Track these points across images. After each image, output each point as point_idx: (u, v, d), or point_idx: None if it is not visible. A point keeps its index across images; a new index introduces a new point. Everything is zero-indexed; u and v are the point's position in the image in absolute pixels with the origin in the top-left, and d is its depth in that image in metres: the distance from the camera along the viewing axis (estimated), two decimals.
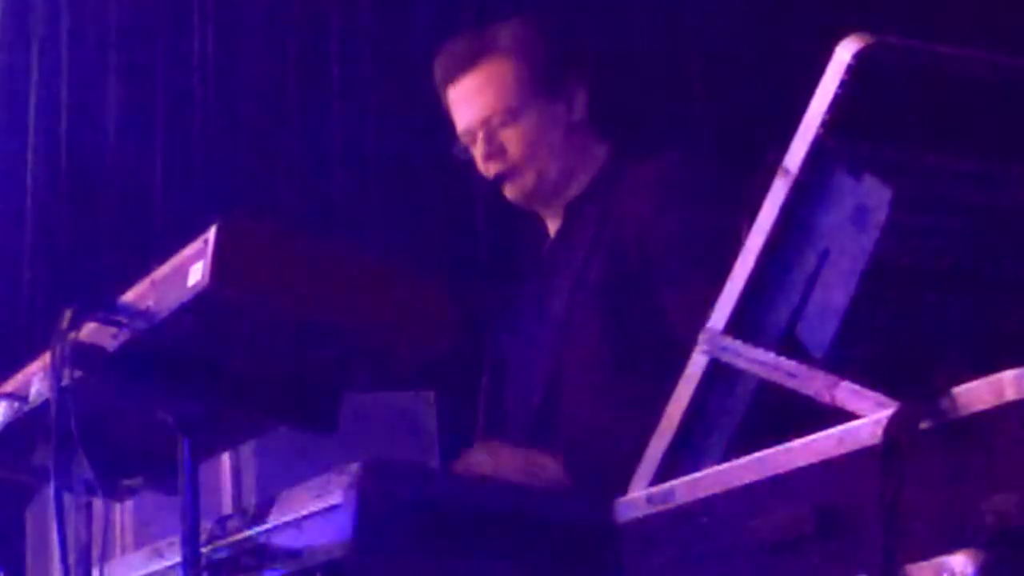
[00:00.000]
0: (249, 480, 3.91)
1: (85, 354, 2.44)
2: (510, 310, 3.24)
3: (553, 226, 3.17)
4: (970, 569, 1.85)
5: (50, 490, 2.53)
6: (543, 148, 3.08)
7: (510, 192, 3.12)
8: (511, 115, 3.09)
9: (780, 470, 2.08)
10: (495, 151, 3.10)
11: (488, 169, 3.12)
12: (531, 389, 3.07)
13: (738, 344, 2.26)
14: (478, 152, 3.12)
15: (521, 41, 3.11)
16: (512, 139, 3.09)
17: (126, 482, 2.89)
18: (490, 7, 5.25)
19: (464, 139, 3.16)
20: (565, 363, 3.00)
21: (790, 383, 2.18)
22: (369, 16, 5.31)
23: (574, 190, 3.14)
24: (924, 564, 1.89)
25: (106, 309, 2.44)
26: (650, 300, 2.93)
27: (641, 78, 4.67)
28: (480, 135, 3.11)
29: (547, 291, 3.09)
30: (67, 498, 2.55)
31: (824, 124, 2.19)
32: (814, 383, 2.13)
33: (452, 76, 3.15)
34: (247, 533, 2.57)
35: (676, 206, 2.96)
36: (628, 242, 2.97)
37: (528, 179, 3.10)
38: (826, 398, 2.11)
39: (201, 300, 2.31)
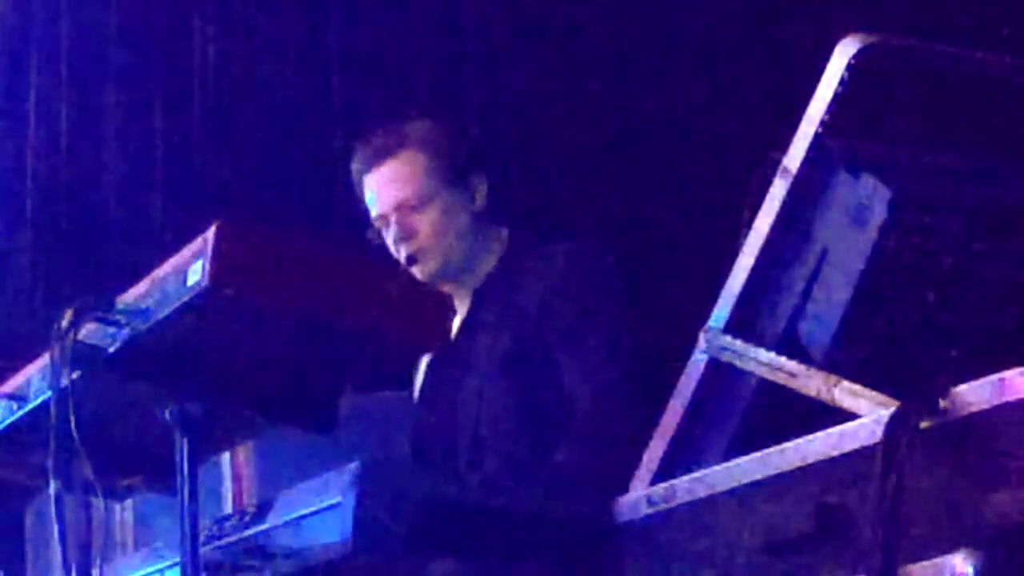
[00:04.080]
0: (249, 480, 3.91)
1: (85, 354, 2.44)
2: (424, 380, 3.54)
3: (461, 306, 3.45)
4: (970, 569, 1.85)
5: (50, 490, 2.53)
6: (450, 233, 3.41)
7: (419, 273, 3.39)
8: (423, 201, 3.41)
9: (780, 470, 2.08)
10: (407, 234, 3.40)
11: (400, 251, 3.41)
12: (454, 458, 3.34)
13: (738, 344, 2.26)
14: (391, 235, 3.42)
15: (432, 138, 3.47)
16: (423, 223, 3.40)
17: (126, 482, 2.88)
18: (489, 10, 5.27)
19: (378, 223, 3.46)
20: (484, 437, 3.30)
21: (790, 383, 2.18)
22: (369, 16, 5.32)
23: (479, 275, 3.45)
24: (924, 564, 1.89)
25: (105, 309, 2.43)
26: (551, 378, 3.27)
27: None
28: (393, 219, 3.42)
29: (462, 369, 3.37)
30: (67, 498, 2.55)
31: (824, 124, 2.20)
32: (814, 383, 2.13)
33: (371, 165, 3.47)
34: (247, 533, 2.57)
35: (567, 293, 3.30)
36: (529, 329, 3.29)
37: (436, 260, 3.40)
38: (826, 398, 2.11)
39: (201, 300, 2.31)
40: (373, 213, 3.47)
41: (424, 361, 3.52)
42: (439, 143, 3.46)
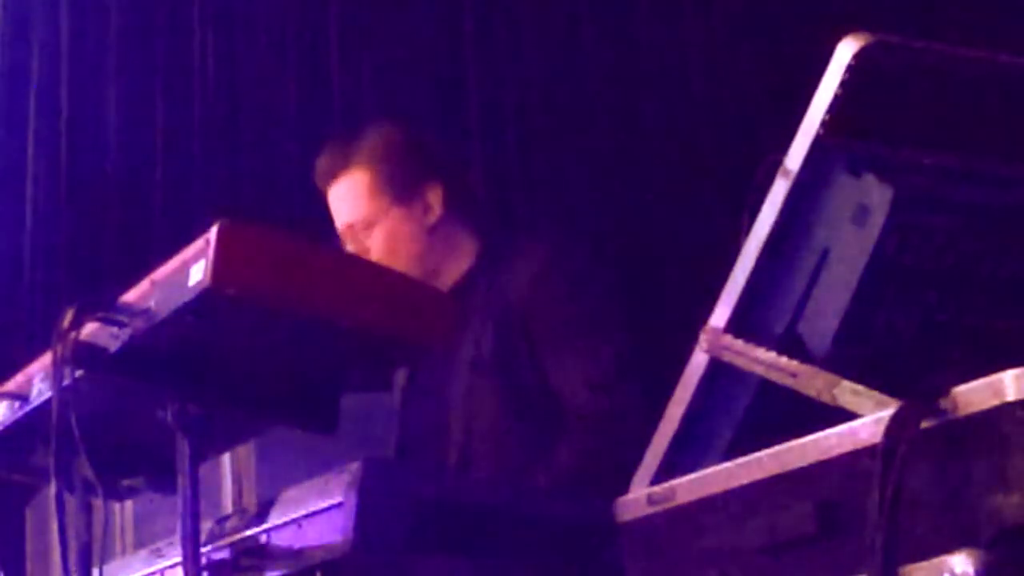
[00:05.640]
0: (249, 480, 3.91)
1: (86, 354, 2.44)
2: (407, 387, 3.52)
3: None
4: (970, 569, 1.85)
5: (50, 490, 2.53)
6: (402, 251, 3.38)
7: None
8: (369, 222, 3.41)
9: (780, 470, 2.08)
10: (362, 253, 3.40)
11: None
12: (444, 457, 3.32)
13: (739, 343, 2.26)
14: (350, 252, 3.42)
15: (378, 154, 3.42)
16: (374, 242, 3.41)
17: (126, 482, 2.89)
18: (489, 10, 5.27)
19: (341, 236, 3.48)
20: (474, 435, 3.28)
21: (790, 383, 2.18)
22: (369, 15, 5.32)
23: (450, 278, 3.40)
24: (924, 564, 1.89)
25: (107, 309, 2.44)
26: (539, 373, 3.24)
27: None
28: (348, 239, 3.45)
29: (444, 372, 3.34)
30: (67, 498, 2.55)
31: (824, 124, 2.19)
32: (814, 383, 2.13)
33: (323, 185, 3.50)
34: (247, 533, 2.57)
35: (553, 288, 3.28)
36: (514, 325, 3.27)
37: None
38: (826, 398, 2.11)
39: (203, 300, 2.31)
40: (336, 226, 3.48)
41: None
42: (386, 158, 3.42)
